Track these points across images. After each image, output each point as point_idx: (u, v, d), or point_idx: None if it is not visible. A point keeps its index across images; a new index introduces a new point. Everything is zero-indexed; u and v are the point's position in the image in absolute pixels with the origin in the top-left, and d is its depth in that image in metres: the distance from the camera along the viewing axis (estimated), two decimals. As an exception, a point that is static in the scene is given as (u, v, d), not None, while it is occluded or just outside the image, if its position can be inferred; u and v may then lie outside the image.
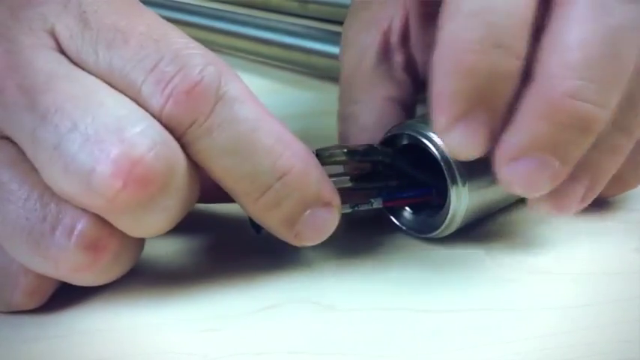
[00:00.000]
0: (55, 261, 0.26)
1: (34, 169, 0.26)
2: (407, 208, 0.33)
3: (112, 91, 0.26)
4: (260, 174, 0.27)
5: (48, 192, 0.26)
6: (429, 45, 0.31)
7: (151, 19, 0.28)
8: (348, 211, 0.32)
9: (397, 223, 0.33)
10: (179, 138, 0.27)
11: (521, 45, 0.27)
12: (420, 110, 0.36)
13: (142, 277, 0.30)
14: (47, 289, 0.28)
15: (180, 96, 0.26)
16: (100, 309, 0.29)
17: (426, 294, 0.30)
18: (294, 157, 0.28)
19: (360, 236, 0.33)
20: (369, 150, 0.31)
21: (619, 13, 0.26)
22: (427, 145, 0.31)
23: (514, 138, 0.27)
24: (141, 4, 0.28)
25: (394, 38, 0.36)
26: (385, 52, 0.35)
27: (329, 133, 0.33)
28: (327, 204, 0.29)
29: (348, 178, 0.31)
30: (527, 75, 0.27)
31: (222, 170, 0.27)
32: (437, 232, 0.32)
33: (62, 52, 0.27)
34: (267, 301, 0.29)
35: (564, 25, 0.26)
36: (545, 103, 0.26)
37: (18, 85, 0.26)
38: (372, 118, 0.34)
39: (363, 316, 0.29)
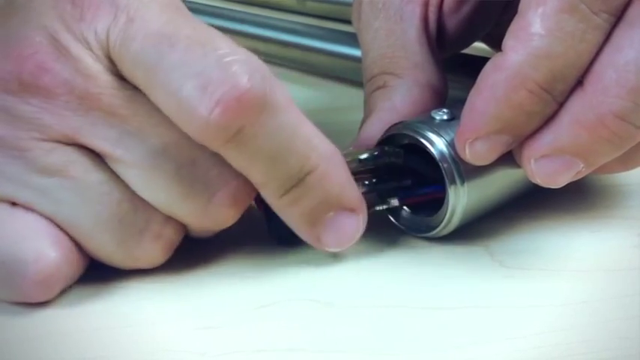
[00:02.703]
0: (135, 258, 0.29)
1: (117, 175, 0.28)
2: (405, 207, 0.33)
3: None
4: (289, 175, 0.28)
5: (134, 196, 0.28)
6: (461, 16, 0.35)
7: (197, 22, 0.28)
8: None
9: (396, 222, 0.33)
10: (221, 144, 0.27)
11: (569, 89, 0.28)
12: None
13: (140, 274, 0.30)
14: (56, 282, 0.28)
15: (230, 103, 0.26)
16: (97, 307, 0.29)
17: (425, 291, 0.30)
18: (320, 159, 0.29)
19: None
20: (380, 153, 0.31)
21: None
22: (426, 146, 0.31)
23: (549, 137, 0.28)
24: (185, 8, 0.29)
25: (432, 9, 0.36)
26: (426, 25, 0.36)
27: (328, 130, 0.32)
28: (351, 210, 0.29)
29: (362, 182, 0.31)
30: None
31: (257, 172, 0.28)
32: (435, 231, 0.32)
33: (119, 75, 0.28)
34: (266, 299, 0.29)
35: (629, 45, 0.27)
36: (592, 116, 0.28)
37: (108, 113, 0.27)
38: (406, 102, 0.34)
39: (362, 314, 0.29)
